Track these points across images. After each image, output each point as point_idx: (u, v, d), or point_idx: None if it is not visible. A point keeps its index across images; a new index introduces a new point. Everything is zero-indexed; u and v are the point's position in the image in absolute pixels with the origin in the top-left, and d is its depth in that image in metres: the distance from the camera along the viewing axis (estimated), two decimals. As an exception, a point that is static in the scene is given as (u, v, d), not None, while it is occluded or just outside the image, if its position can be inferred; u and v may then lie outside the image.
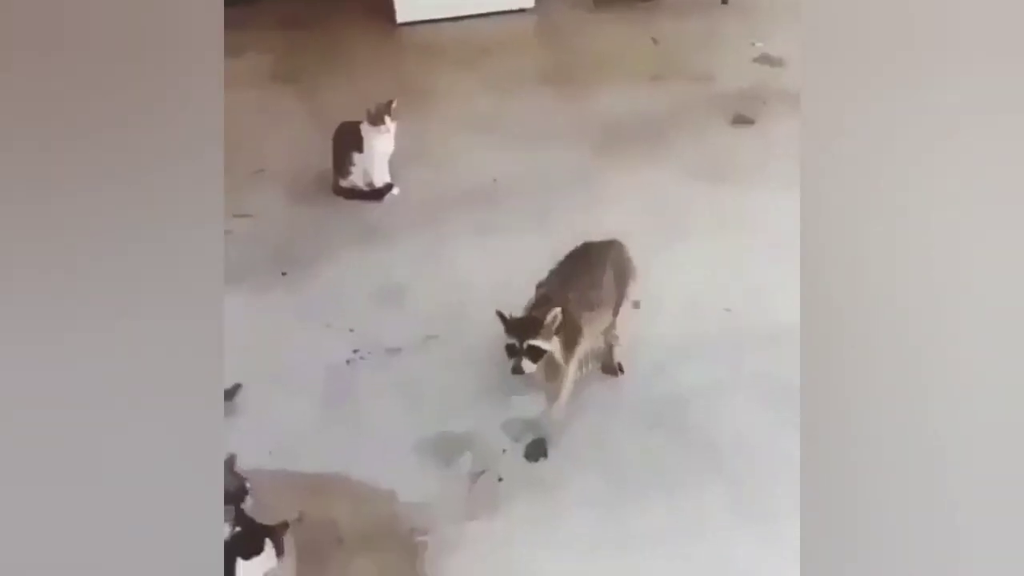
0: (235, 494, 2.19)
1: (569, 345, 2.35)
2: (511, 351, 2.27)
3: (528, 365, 2.26)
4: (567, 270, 2.47)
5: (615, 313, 2.49)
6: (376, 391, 2.57)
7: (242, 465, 2.28)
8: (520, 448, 2.40)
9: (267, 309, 2.89)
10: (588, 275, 2.45)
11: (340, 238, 3.15)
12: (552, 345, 2.29)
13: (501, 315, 2.28)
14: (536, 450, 2.39)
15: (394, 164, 3.33)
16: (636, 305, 2.62)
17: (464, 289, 2.92)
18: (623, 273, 2.52)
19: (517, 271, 2.98)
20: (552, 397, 2.43)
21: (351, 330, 2.79)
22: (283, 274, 3.02)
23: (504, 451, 2.40)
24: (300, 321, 2.84)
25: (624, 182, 3.33)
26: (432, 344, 2.74)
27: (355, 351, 2.72)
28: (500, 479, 2.34)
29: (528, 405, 2.50)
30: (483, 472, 2.35)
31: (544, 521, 2.22)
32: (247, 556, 1.96)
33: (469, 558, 2.15)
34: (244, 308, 2.87)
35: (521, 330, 2.26)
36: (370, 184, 3.31)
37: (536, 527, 2.21)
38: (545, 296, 2.38)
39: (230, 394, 2.55)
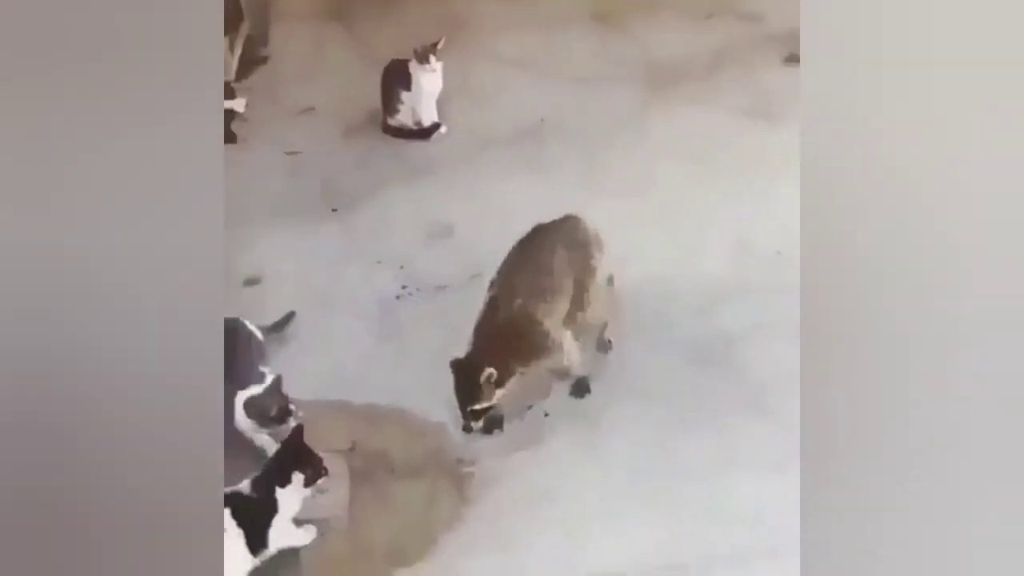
0: (278, 416, 2.26)
1: (531, 353, 2.30)
2: (460, 410, 2.28)
3: (476, 424, 2.27)
4: (515, 263, 2.38)
5: (583, 290, 2.37)
6: (425, 327, 2.62)
7: (298, 395, 2.37)
8: (566, 385, 2.44)
9: (318, 244, 2.95)
10: (534, 264, 2.35)
11: (389, 176, 3.17)
12: (498, 397, 2.26)
13: (452, 366, 2.25)
14: (581, 387, 2.43)
15: (442, 102, 3.34)
16: (610, 281, 2.52)
17: (510, 228, 2.93)
18: (581, 247, 2.40)
19: (564, 211, 3.00)
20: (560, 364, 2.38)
21: (401, 267, 2.84)
22: (333, 211, 3.07)
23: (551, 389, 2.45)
24: (351, 257, 2.89)
25: (674, 122, 3.30)
26: (478, 282, 2.75)
27: (404, 287, 2.78)
28: (546, 414, 2.38)
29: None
30: (530, 407, 2.40)
31: (587, 454, 2.27)
32: (282, 484, 2.04)
33: (514, 488, 2.22)
34: (296, 243, 2.94)
35: (461, 396, 2.25)
36: (418, 123, 3.32)
37: (579, 459, 2.26)
38: (494, 299, 2.33)
39: (283, 323, 2.62)
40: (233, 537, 1.96)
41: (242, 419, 2.27)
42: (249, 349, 2.40)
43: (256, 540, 2.01)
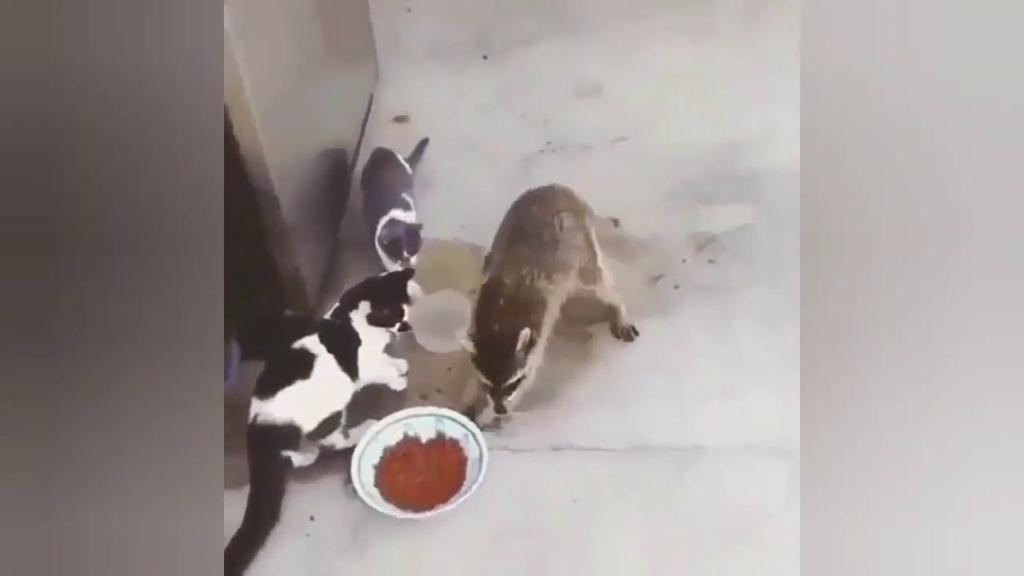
0: (394, 247, 2.29)
1: (536, 328, 2.03)
2: (489, 392, 2.03)
3: (511, 404, 2.03)
4: (514, 234, 2.11)
5: (593, 256, 2.17)
6: (565, 183, 2.62)
7: (437, 236, 2.45)
8: (702, 258, 2.43)
9: (466, 90, 2.95)
10: (537, 236, 2.08)
11: (544, 28, 3.11)
12: (530, 363, 2.02)
13: (471, 342, 2.01)
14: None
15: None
16: (616, 223, 2.39)
17: (662, 93, 2.88)
18: (584, 212, 2.19)
19: (719, 80, 2.92)
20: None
21: (546, 121, 2.83)
22: (484, 58, 3.05)
23: (684, 260, 2.44)
24: (497, 106, 2.89)
25: None
26: (623, 146, 2.75)
27: (548, 143, 2.77)
28: (676, 287, 2.39)
29: (713, 218, 2.53)
30: (660, 276, 2.41)
31: (713, 331, 2.28)
32: (350, 311, 2.07)
33: (639, 350, 2.26)
34: (445, 86, 2.96)
35: (495, 371, 1.99)
36: (579, -26, 3.23)
37: (703, 335, 2.28)
38: (497, 278, 2.06)
39: (418, 151, 2.67)
40: (325, 360, 2.01)
41: (378, 242, 2.34)
42: (397, 177, 2.47)
43: (349, 367, 2.05)
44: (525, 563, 1.93)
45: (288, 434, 1.96)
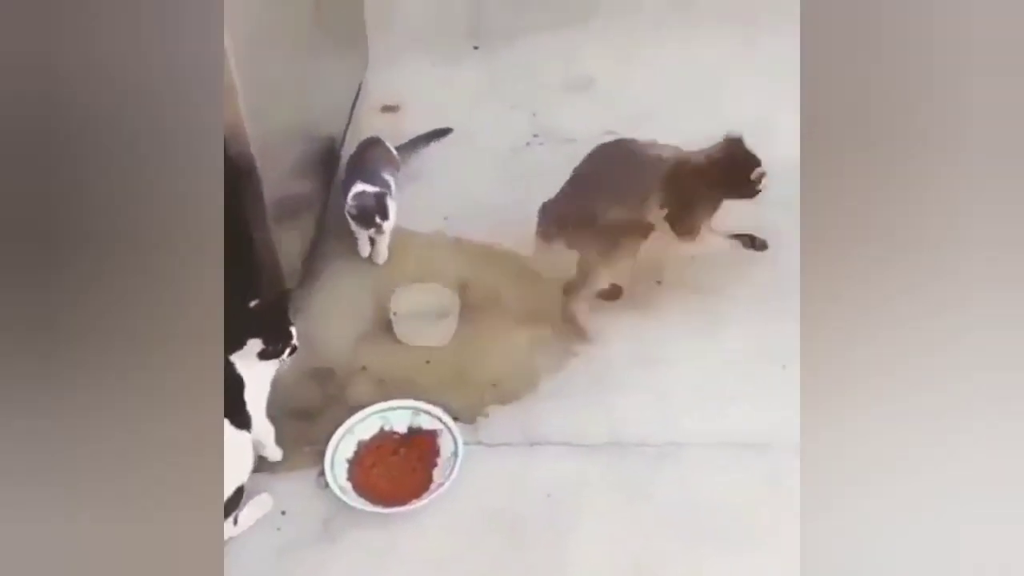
0: (363, 216, 2.30)
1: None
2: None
3: None
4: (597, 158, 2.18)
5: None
6: (551, 178, 2.58)
7: (419, 228, 2.43)
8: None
9: (455, 80, 2.93)
10: (622, 161, 2.14)
11: (535, 20, 3.09)
12: None
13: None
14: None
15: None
16: None
17: (654, 91, 2.85)
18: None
19: (712, 78, 2.89)
20: None
21: (534, 114, 2.81)
22: (475, 48, 3.03)
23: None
24: (486, 97, 2.87)
25: None
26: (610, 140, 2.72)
27: (535, 136, 2.75)
28: (659, 282, 2.37)
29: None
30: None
31: (697, 323, 2.26)
32: (234, 349, 1.85)
33: (620, 347, 2.24)
34: (435, 76, 2.93)
35: None
36: (573, -34, 3.20)
37: (689, 330, 2.26)
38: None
39: (432, 137, 2.68)
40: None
41: (347, 213, 2.33)
42: (381, 158, 2.44)
43: (241, 421, 1.86)
44: (499, 557, 1.91)
45: None
